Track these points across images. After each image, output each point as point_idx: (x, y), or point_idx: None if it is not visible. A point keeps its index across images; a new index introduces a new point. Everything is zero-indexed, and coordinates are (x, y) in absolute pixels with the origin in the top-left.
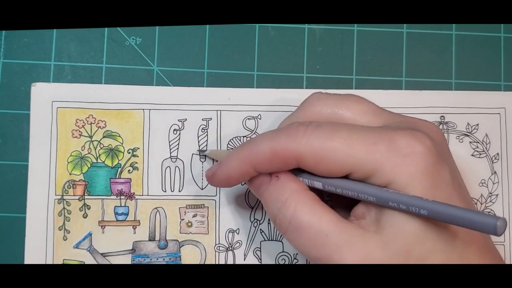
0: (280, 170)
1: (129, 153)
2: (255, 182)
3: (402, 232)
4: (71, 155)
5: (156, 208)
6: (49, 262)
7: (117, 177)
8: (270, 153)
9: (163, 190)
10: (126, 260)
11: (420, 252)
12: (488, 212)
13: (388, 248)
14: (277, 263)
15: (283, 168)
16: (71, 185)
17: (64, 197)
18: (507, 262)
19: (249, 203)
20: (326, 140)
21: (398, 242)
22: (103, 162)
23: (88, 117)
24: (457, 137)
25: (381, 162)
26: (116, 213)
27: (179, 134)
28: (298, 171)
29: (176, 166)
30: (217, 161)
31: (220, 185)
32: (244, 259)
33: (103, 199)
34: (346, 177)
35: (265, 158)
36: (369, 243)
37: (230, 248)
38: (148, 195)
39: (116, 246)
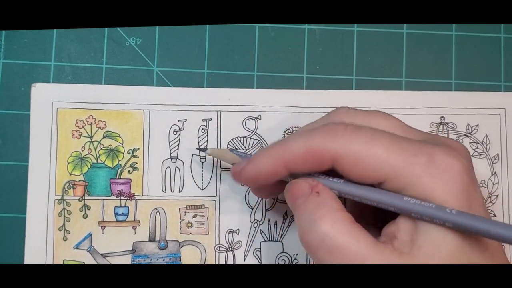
0: (313, 171)
1: (129, 153)
2: (293, 191)
3: (437, 252)
4: (71, 156)
5: (156, 208)
6: (49, 262)
7: (117, 177)
8: (305, 151)
9: (163, 191)
10: (126, 260)
11: None
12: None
13: None
14: (277, 263)
15: (317, 169)
16: (71, 185)
17: (64, 198)
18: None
19: (249, 203)
20: (366, 144)
21: (434, 263)
22: (103, 162)
23: (88, 118)
24: (457, 138)
25: (419, 175)
26: (116, 214)
27: (179, 134)
28: (313, 175)
29: (176, 167)
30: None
31: (247, 182)
32: (244, 259)
33: (103, 199)
34: (378, 185)
35: (299, 156)
36: None
37: (230, 248)
38: (148, 195)
39: (116, 247)
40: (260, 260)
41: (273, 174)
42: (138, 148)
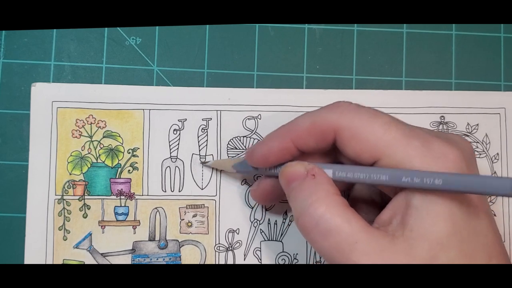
0: (319, 146)
1: (129, 153)
2: (288, 173)
3: (427, 235)
4: (71, 155)
5: (156, 208)
6: (49, 262)
7: (117, 177)
8: (310, 125)
9: (163, 190)
10: (126, 260)
11: (444, 261)
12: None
13: (414, 253)
14: (277, 263)
15: (322, 143)
16: (71, 185)
17: (64, 197)
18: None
19: (249, 203)
20: (367, 120)
21: (423, 246)
22: (103, 162)
23: (88, 117)
24: None
25: (413, 156)
26: (116, 213)
27: (179, 134)
28: (307, 158)
29: (176, 166)
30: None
31: (259, 163)
32: (244, 259)
33: (103, 199)
34: (371, 165)
35: (305, 131)
36: (397, 250)
37: (230, 248)
38: (148, 195)
39: (116, 246)
40: (260, 259)
41: (282, 151)
42: (138, 148)
